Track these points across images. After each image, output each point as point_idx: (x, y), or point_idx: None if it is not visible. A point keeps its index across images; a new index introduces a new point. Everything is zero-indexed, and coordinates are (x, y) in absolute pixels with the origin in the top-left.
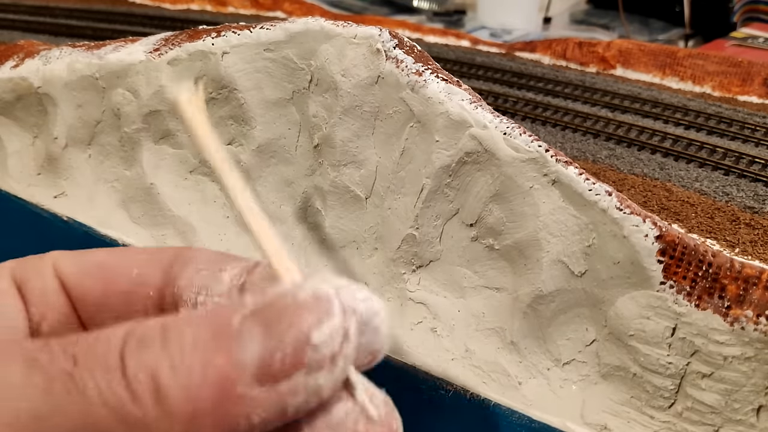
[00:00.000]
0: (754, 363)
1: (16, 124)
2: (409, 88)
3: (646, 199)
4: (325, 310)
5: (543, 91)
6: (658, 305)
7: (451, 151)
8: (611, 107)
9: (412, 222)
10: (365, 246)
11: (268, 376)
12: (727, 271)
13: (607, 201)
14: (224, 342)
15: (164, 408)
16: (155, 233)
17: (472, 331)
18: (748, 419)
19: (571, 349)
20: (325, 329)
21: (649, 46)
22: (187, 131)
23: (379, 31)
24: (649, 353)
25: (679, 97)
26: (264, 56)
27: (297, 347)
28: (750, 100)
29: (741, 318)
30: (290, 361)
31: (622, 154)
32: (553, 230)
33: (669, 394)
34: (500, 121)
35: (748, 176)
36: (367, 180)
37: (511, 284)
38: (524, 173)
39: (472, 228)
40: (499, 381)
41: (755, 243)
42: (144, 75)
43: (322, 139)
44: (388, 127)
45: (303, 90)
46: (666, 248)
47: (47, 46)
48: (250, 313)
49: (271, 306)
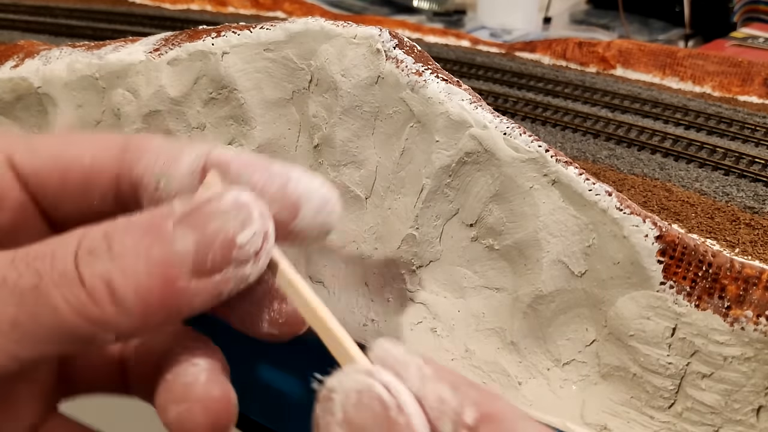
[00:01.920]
0: (754, 363)
1: (16, 124)
2: (409, 88)
3: (646, 199)
4: (246, 216)
5: (543, 91)
6: (658, 305)
7: (451, 151)
8: (611, 107)
9: (412, 222)
10: (365, 246)
11: (203, 272)
12: (727, 272)
13: (607, 201)
14: (163, 247)
15: (121, 307)
16: None
17: (472, 332)
18: (748, 419)
19: (571, 350)
20: (248, 233)
21: (649, 46)
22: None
23: (379, 31)
24: (649, 353)
25: (679, 97)
26: (264, 56)
27: (225, 247)
28: (750, 100)
29: (741, 318)
30: (220, 258)
31: (622, 154)
32: (553, 230)
33: (669, 394)
34: (500, 121)
35: (748, 176)
36: (367, 180)
37: (511, 284)
38: (524, 173)
39: (472, 228)
40: (499, 381)
41: (755, 243)
42: (144, 75)
43: (322, 139)
44: (388, 127)
45: (303, 90)
46: (666, 248)
47: (47, 46)
48: (181, 216)
49: (198, 211)
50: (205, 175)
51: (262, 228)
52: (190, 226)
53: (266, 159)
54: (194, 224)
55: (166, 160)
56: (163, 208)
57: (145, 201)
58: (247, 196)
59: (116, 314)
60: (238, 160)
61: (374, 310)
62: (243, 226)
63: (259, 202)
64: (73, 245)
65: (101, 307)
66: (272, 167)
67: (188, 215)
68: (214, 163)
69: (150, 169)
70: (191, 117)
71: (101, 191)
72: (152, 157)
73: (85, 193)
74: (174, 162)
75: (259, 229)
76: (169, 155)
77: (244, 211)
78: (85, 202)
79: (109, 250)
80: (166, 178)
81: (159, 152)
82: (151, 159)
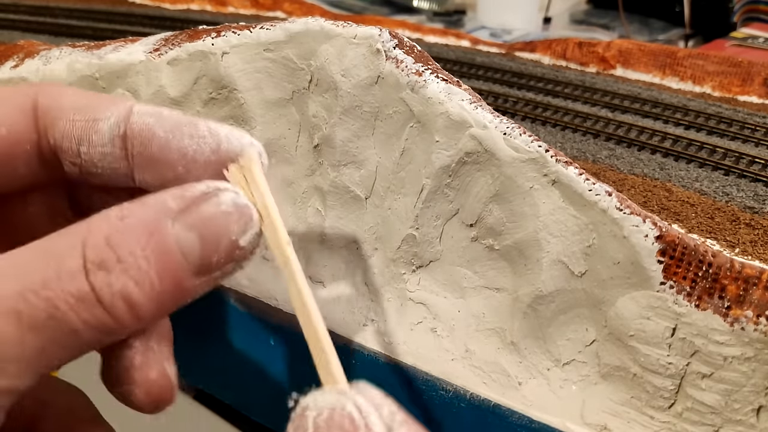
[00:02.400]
0: (754, 363)
1: None
2: (409, 89)
3: (646, 199)
4: (248, 219)
5: (543, 91)
6: (658, 305)
7: (451, 151)
8: (611, 107)
9: (412, 222)
10: (365, 246)
11: (207, 271)
12: (727, 272)
13: (607, 201)
14: (170, 251)
15: (137, 315)
16: None
17: (472, 332)
18: (748, 419)
19: (571, 350)
20: (249, 235)
21: (649, 46)
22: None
23: (379, 31)
24: (649, 353)
25: (679, 97)
26: (264, 56)
27: (229, 250)
28: (750, 100)
29: (741, 318)
30: (224, 260)
31: (622, 154)
32: (553, 230)
33: (669, 394)
34: (500, 121)
35: (748, 176)
36: (367, 180)
37: (511, 284)
38: (524, 173)
39: (472, 228)
40: (499, 381)
41: (755, 243)
42: (144, 75)
43: (322, 139)
44: (388, 127)
45: (303, 90)
46: (666, 248)
47: (47, 46)
48: (178, 212)
49: (197, 209)
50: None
51: (259, 228)
52: (193, 226)
53: (187, 116)
54: (197, 225)
55: (84, 125)
56: (154, 202)
57: (67, 165)
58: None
59: (132, 321)
60: (162, 125)
61: (374, 310)
62: (245, 229)
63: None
64: (79, 259)
65: (118, 320)
66: (198, 128)
67: (186, 212)
68: (136, 133)
69: (67, 134)
70: None
71: (24, 159)
72: (67, 121)
73: (10, 163)
74: (92, 128)
75: (257, 230)
76: (85, 118)
77: (246, 214)
78: (11, 173)
79: (120, 261)
80: (86, 147)
81: (74, 114)
82: (67, 124)
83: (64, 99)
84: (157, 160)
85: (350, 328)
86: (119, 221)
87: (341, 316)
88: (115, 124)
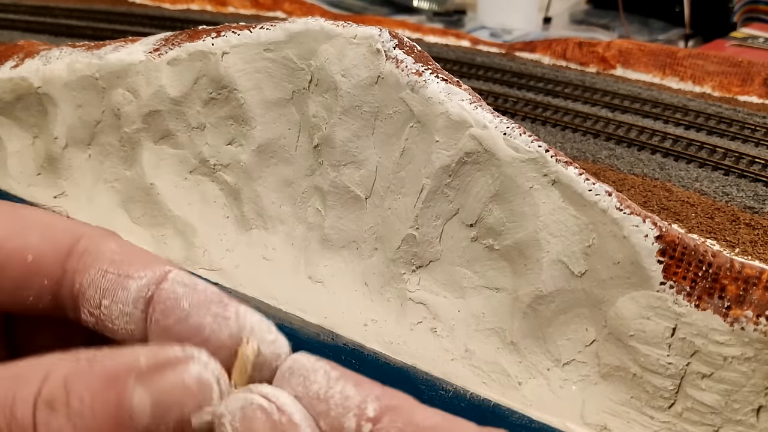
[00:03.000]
0: (753, 363)
1: (16, 124)
2: (409, 88)
3: (646, 199)
4: (207, 397)
5: (543, 91)
6: (658, 305)
7: (451, 151)
8: (611, 107)
9: (412, 222)
10: (365, 246)
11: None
12: (727, 272)
13: (607, 201)
14: (120, 409)
15: None
16: (155, 233)
17: (472, 332)
18: (747, 419)
19: (571, 350)
20: (204, 414)
21: (649, 46)
22: None
23: (379, 31)
24: (649, 353)
25: (679, 97)
26: (264, 56)
27: (177, 425)
28: (750, 100)
29: (741, 318)
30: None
31: (622, 154)
32: (553, 230)
33: (669, 394)
34: (500, 121)
35: (748, 176)
36: (367, 180)
37: (511, 284)
38: (524, 173)
39: (472, 228)
40: (499, 381)
41: (755, 243)
42: (144, 75)
43: (322, 139)
44: (388, 127)
45: (303, 90)
46: (666, 248)
47: (47, 46)
48: (144, 371)
49: (162, 373)
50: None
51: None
52: (150, 389)
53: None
54: (154, 389)
55: (115, 279)
56: (129, 355)
57: (84, 313)
58: (211, 373)
59: None
60: (190, 298)
61: (374, 310)
62: (200, 406)
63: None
64: (34, 391)
65: None
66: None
67: (150, 374)
68: (162, 300)
69: (95, 284)
70: (191, 117)
71: (38, 291)
72: (100, 270)
73: (22, 288)
74: (121, 283)
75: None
76: (117, 271)
77: (207, 392)
78: (19, 297)
79: (67, 405)
80: (109, 301)
81: (108, 266)
82: (98, 273)
83: (104, 247)
84: (171, 331)
85: (350, 328)
86: (85, 364)
87: (341, 316)
88: (145, 285)
